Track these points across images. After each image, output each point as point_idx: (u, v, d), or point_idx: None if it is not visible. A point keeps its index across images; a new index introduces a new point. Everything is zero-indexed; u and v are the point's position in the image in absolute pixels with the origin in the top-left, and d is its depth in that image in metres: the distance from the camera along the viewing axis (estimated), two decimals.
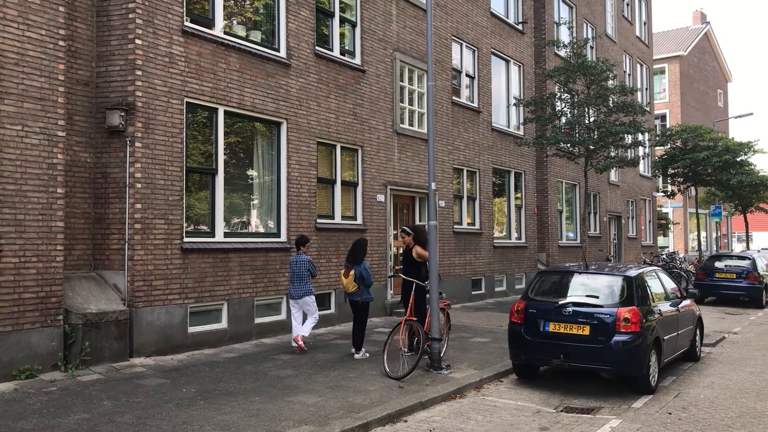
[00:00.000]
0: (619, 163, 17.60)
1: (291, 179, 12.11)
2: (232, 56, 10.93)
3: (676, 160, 27.71)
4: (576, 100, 17.57)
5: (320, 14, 13.18)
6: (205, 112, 10.67)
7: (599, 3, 27.12)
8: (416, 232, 10.20)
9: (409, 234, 10.24)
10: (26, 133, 7.99)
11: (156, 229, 9.56)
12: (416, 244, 10.07)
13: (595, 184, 24.87)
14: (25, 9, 8.00)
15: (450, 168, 17.26)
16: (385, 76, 14.86)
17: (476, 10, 18.63)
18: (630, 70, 30.55)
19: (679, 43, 45.67)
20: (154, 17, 9.65)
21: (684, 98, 44.39)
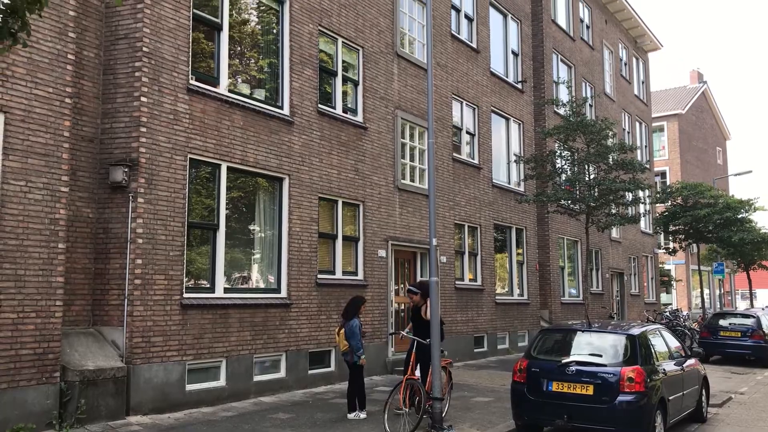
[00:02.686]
0: (621, 220, 17.64)
1: (292, 234, 12.13)
2: (236, 113, 11.08)
3: (677, 217, 27.78)
4: (576, 157, 17.72)
5: (323, 73, 13.42)
6: (208, 168, 10.76)
7: (597, 63, 27.63)
8: (423, 290, 10.05)
9: (416, 293, 10.13)
10: (29, 189, 8.04)
11: (156, 285, 9.52)
12: (425, 302, 9.94)
13: (596, 241, 24.86)
14: (33, 68, 8.15)
15: (451, 223, 17.29)
16: (386, 133, 15.04)
17: (476, 70, 18.97)
18: (629, 127, 30.91)
19: (677, 101, 46.33)
20: (160, 75, 9.83)
21: (683, 156, 44.77)
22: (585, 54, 26.48)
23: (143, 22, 9.64)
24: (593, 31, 27.54)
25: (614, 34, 30.06)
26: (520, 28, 21.71)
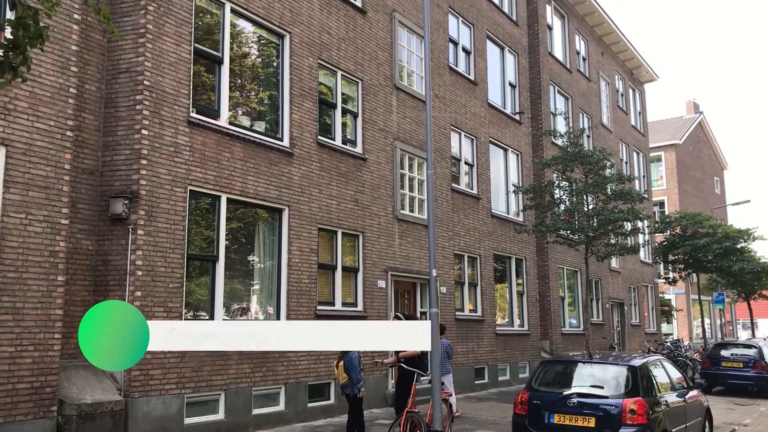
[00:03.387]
0: (620, 250, 17.65)
1: (292, 265, 12.11)
2: (236, 145, 11.15)
3: (676, 247, 27.80)
4: (574, 187, 17.80)
5: (323, 105, 13.53)
6: (208, 199, 10.79)
7: (594, 94, 27.88)
8: (409, 320, 10.06)
9: (401, 320, 10.12)
10: (30, 222, 8.06)
11: (155, 317, 9.47)
12: None
13: (596, 271, 24.83)
14: (35, 101, 8.23)
15: (451, 254, 17.28)
16: (385, 164, 15.11)
17: (474, 101, 19.13)
18: (627, 158, 31.07)
19: (674, 131, 46.63)
20: (161, 108, 9.91)
21: (681, 185, 44.93)
22: (582, 85, 26.73)
23: (145, 56, 9.75)
24: (590, 63, 27.84)
25: (610, 66, 30.38)
26: (518, 60, 21.95)
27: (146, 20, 9.82)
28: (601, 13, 27.62)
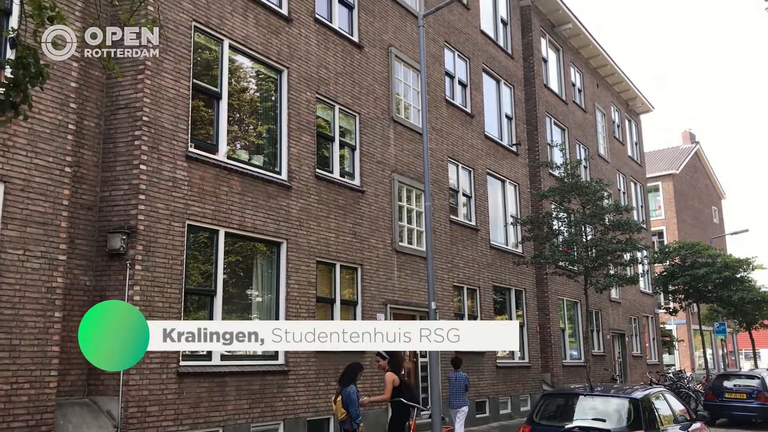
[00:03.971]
0: (619, 281, 17.61)
1: (290, 299, 12.06)
2: (234, 179, 11.19)
3: (675, 277, 27.74)
4: (572, 218, 17.82)
5: (321, 138, 13.61)
6: (206, 233, 10.79)
7: (590, 125, 28.07)
8: (392, 358, 10.02)
9: (384, 358, 10.07)
10: (27, 258, 8.04)
11: (152, 353, 9.39)
12: (390, 369, 9.89)
13: (596, 302, 24.73)
14: (34, 138, 8.27)
15: (450, 286, 17.22)
16: (383, 196, 15.15)
17: (471, 134, 19.25)
18: (624, 188, 31.17)
19: (670, 161, 46.87)
20: (159, 144, 9.97)
21: (679, 215, 45.00)
22: (578, 117, 26.93)
23: (144, 92, 9.83)
24: (585, 95, 28.09)
25: (606, 97, 30.65)
26: (513, 92, 22.15)
27: (145, 56, 9.91)
28: (595, 46, 27.94)
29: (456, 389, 12.78)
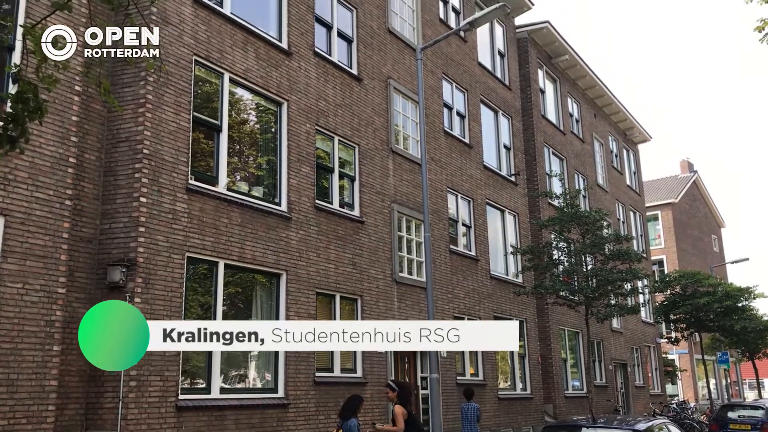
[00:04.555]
0: (620, 310, 17.55)
1: None
2: (234, 211, 11.21)
3: (677, 306, 27.64)
4: (572, 248, 17.82)
5: (320, 170, 13.67)
6: (206, 265, 10.78)
7: (588, 155, 28.21)
8: (401, 389, 9.87)
9: (394, 390, 9.93)
10: (26, 291, 8.02)
11: (151, 386, 9.33)
12: (399, 402, 9.74)
13: (597, 332, 24.60)
14: (35, 171, 8.31)
15: (450, 317, 17.14)
16: (383, 227, 15.16)
17: (470, 164, 19.34)
18: (623, 217, 31.21)
19: (669, 190, 47.01)
20: (160, 176, 10.01)
21: (679, 244, 45.00)
22: (576, 147, 27.08)
23: (144, 126, 9.91)
24: (583, 125, 28.28)
25: (604, 127, 30.85)
26: (511, 123, 22.30)
27: (146, 90, 10.02)
28: (592, 77, 28.21)
29: (468, 420, 12.88)
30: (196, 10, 11.14)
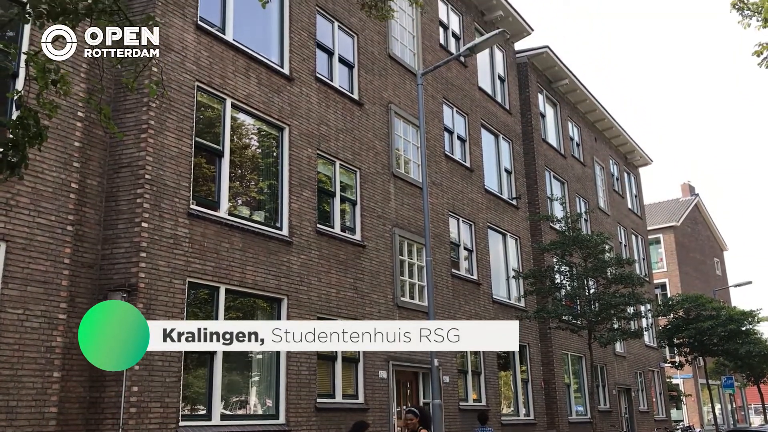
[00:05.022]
0: (623, 335, 17.45)
1: (291, 356, 11.92)
2: (235, 236, 11.21)
3: (680, 330, 27.50)
4: (575, 272, 17.78)
5: (322, 194, 13.69)
6: (207, 290, 10.75)
7: (589, 179, 28.26)
8: (423, 415, 9.76)
9: (416, 416, 9.82)
10: (27, 317, 7.99)
11: (151, 413, 9.25)
12: (422, 427, 9.62)
13: (600, 356, 24.44)
14: (37, 197, 8.33)
15: None
16: (384, 251, 15.14)
17: (471, 188, 19.37)
18: (625, 240, 31.16)
19: (671, 214, 47.01)
20: (161, 201, 10.02)
21: (682, 267, 44.88)
22: (577, 170, 27.14)
23: (146, 151, 9.95)
24: (584, 149, 28.36)
25: (604, 151, 30.93)
26: (512, 147, 22.37)
27: (148, 116, 10.08)
28: (592, 101, 28.35)
29: None
30: (198, 37, 11.25)
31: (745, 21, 11.11)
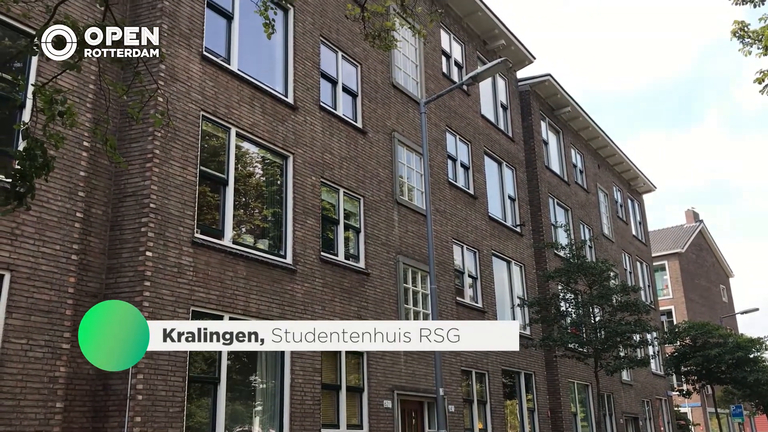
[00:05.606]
0: (629, 363, 17.31)
1: (294, 386, 11.84)
2: (239, 264, 11.20)
3: (687, 358, 27.26)
4: (580, 299, 17.70)
5: (326, 222, 13.71)
6: (211, 319, 10.70)
7: (593, 205, 28.26)
8: None
9: None
10: (30, 347, 7.97)
11: None
12: None
13: (607, 384, 24.20)
14: (42, 226, 8.36)
15: (458, 370, 16.92)
16: (388, 279, 15.10)
17: (475, 215, 19.38)
18: (630, 267, 31.05)
19: (675, 240, 46.89)
20: (166, 230, 10.04)
21: (687, 294, 44.63)
22: (581, 197, 27.15)
23: (151, 180, 9.99)
24: (587, 176, 28.41)
25: (608, 178, 30.97)
26: (516, 174, 22.43)
27: (153, 146, 10.14)
28: (595, 128, 28.46)
29: None
30: (203, 67, 11.36)
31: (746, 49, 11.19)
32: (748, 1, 11.05)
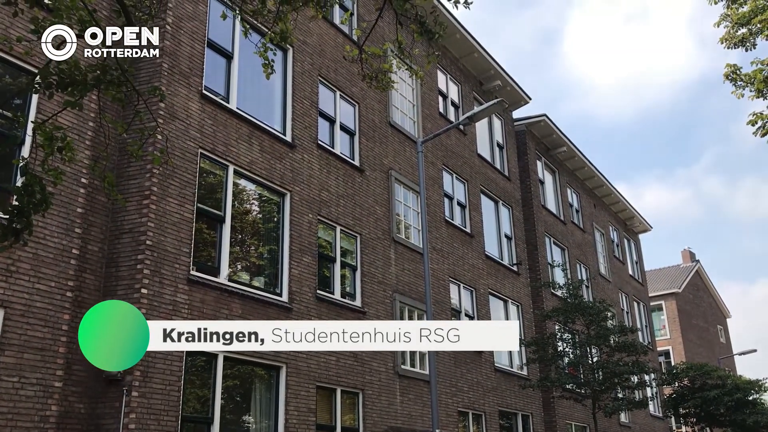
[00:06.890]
0: (628, 405, 17.15)
1: (289, 426, 11.68)
2: (235, 302, 11.14)
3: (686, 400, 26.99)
4: (577, 339, 17.61)
5: (322, 259, 13.68)
6: (205, 357, 10.61)
7: (589, 245, 28.28)
8: None
9: None
10: (22, 385, 7.87)
11: None
12: None
13: (605, 426, 23.90)
14: (38, 263, 8.32)
15: (454, 411, 16.72)
16: (385, 317, 15.00)
17: (471, 253, 19.36)
18: (627, 307, 30.95)
19: (672, 280, 46.80)
20: (162, 267, 10.01)
21: (685, 334, 44.39)
22: (577, 236, 27.19)
23: (148, 217, 9.99)
24: (583, 215, 28.49)
25: (604, 217, 31.07)
26: (512, 213, 22.49)
27: (151, 183, 10.17)
28: (590, 168, 28.64)
29: None
30: (203, 105, 11.46)
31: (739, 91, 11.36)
32: (740, 45, 11.26)
